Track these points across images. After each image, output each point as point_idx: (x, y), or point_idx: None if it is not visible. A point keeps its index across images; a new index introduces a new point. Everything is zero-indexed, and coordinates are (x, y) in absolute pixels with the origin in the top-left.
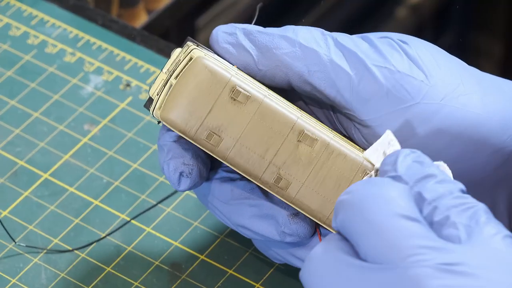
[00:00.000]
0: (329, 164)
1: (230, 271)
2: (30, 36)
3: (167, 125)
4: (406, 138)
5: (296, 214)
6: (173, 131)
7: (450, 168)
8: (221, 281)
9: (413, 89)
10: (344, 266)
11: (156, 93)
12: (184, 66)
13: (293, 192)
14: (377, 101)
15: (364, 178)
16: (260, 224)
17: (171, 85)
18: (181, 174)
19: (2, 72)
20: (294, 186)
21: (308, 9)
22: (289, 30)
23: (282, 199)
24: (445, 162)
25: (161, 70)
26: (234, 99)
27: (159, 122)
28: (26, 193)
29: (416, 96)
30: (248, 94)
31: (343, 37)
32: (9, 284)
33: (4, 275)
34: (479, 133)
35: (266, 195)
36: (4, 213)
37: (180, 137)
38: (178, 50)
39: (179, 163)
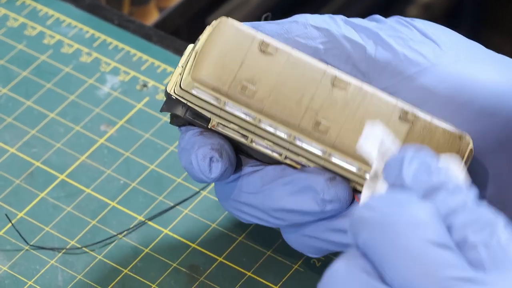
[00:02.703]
0: (365, 104)
1: (249, 273)
2: (45, 36)
3: (199, 86)
4: (425, 101)
5: (334, 178)
6: (193, 128)
7: (470, 127)
8: (240, 283)
9: (428, 53)
10: None
11: (174, 86)
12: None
13: (333, 136)
14: (393, 67)
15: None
16: (298, 199)
17: (197, 52)
18: (211, 159)
19: (18, 72)
20: (333, 130)
21: (316, 11)
22: (298, 16)
23: (322, 145)
24: (464, 121)
25: (177, 65)
26: (264, 51)
27: (172, 122)
28: (42, 195)
29: (431, 58)
30: (276, 46)
31: (351, 18)
32: (25, 286)
33: (20, 277)
34: (497, 93)
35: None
36: (20, 214)
37: (201, 132)
38: (191, 45)
39: (207, 150)
